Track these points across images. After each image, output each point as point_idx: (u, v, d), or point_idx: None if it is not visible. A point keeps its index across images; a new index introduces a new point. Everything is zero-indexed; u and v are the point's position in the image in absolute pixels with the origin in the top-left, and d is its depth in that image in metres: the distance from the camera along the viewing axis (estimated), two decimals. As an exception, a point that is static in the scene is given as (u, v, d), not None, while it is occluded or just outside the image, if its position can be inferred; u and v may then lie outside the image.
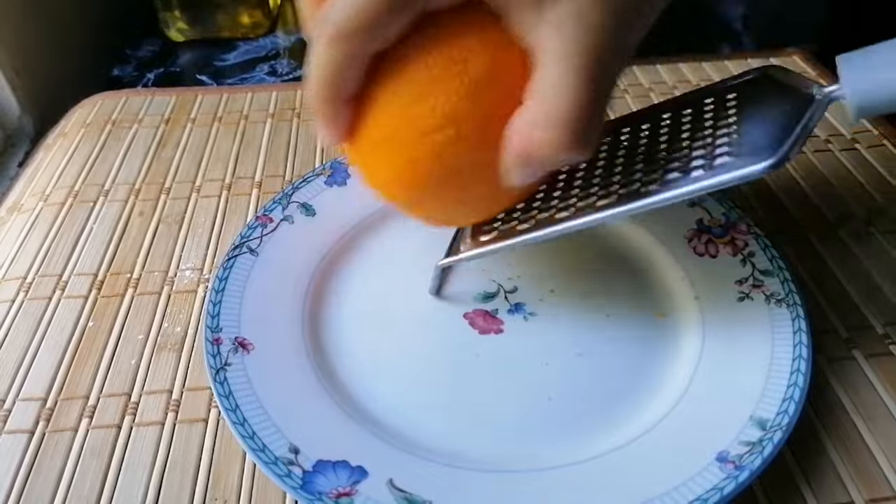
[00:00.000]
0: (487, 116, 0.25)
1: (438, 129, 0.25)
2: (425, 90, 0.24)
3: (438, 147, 0.25)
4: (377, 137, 0.26)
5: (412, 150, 0.25)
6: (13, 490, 0.28)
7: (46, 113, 0.52)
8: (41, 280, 0.36)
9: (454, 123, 0.24)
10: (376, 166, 0.28)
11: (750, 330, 0.32)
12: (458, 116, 0.24)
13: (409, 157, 0.26)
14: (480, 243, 0.30)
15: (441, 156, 0.25)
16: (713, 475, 0.26)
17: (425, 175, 0.26)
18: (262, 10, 0.61)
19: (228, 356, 0.30)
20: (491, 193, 0.28)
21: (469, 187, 0.27)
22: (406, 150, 0.26)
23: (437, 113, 0.24)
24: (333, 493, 0.26)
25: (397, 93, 0.25)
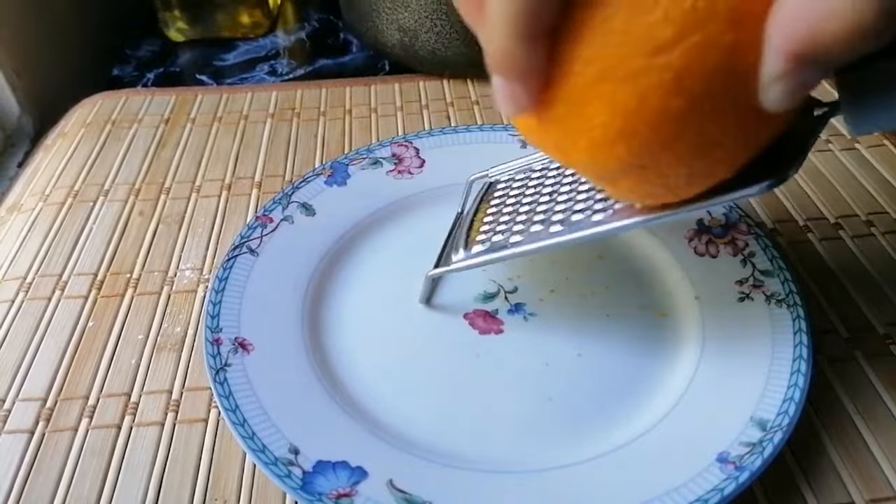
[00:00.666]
0: (733, 16, 0.18)
1: (673, 43, 0.18)
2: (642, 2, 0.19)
3: (679, 65, 0.18)
4: (586, 80, 0.20)
5: (643, 78, 0.19)
6: (13, 490, 0.28)
7: (46, 113, 0.52)
8: (41, 280, 0.36)
9: (692, 31, 0.18)
10: (587, 120, 0.21)
11: (750, 330, 0.32)
12: (696, 22, 0.18)
13: (637, 91, 0.19)
14: (472, 255, 0.30)
15: (684, 78, 0.19)
16: (713, 476, 0.26)
17: (662, 114, 0.19)
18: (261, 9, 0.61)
19: (228, 356, 0.30)
20: (746, 135, 0.21)
21: (724, 123, 0.20)
22: (633, 84, 0.19)
23: (667, 23, 0.18)
24: (333, 493, 0.26)
25: (604, 16, 0.19)
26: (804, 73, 0.18)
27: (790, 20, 0.17)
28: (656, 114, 0.19)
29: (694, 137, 0.20)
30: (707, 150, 0.21)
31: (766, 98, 0.19)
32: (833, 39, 0.17)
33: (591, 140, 0.21)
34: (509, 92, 0.21)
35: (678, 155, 0.21)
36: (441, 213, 0.36)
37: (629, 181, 0.23)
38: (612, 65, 0.19)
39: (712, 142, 0.21)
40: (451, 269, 0.32)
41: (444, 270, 0.32)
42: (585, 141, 0.21)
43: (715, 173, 0.23)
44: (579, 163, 0.23)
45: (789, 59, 0.18)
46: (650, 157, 0.21)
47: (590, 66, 0.20)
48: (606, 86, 0.19)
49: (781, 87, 0.19)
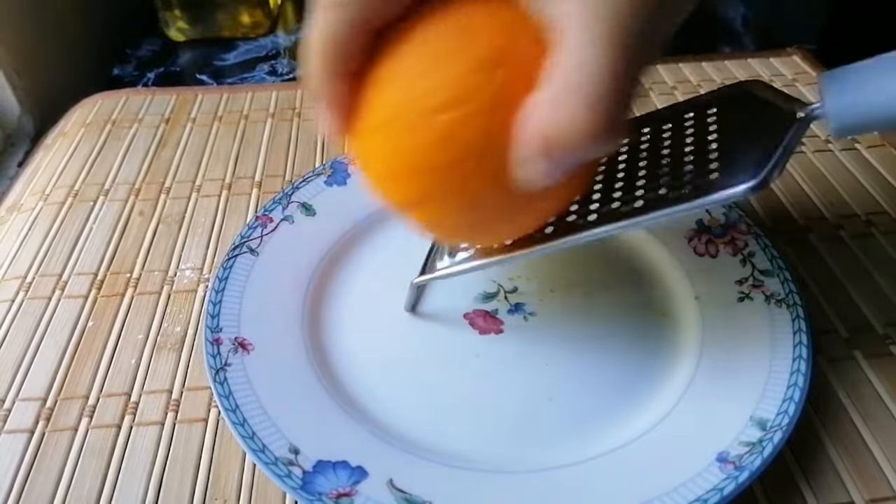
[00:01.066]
0: (500, 97, 0.22)
1: (444, 108, 0.22)
2: (429, 66, 0.22)
3: (444, 129, 0.22)
4: (376, 121, 0.23)
5: (414, 133, 0.22)
6: (13, 489, 0.28)
7: (46, 112, 0.52)
8: (41, 280, 0.36)
9: (462, 102, 0.22)
10: (374, 154, 0.25)
11: (750, 330, 0.32)
12: (466, 94, 0.22)
13: (410, 142, 0.23)
14: (456, 262, 0.30)
15: (447, 140, 0.22)
16: (713, 475, 0.26)
17: (427, 165, 0.23)
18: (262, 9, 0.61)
19: (228, 356, 0.30)
20: (507, 202, 0.24)
21: (479, 187, 0.23)
22: (407, 134, 0.23)
23: (443, 90, 0.22)
24: (333, 493, 0.26)
25: (398, 70, 0.23)
26: (548, 160, 0.21)
27: (531, 119, 0.21)
28: (422, 163, 0.23)
29: (458, 192, 0.23)
30: (474, 206, 0.24)
31: (516, 176, 0.22)
32: (563, 143, 0.20)
33: (377, 172, 0.25)
34: (320, 116, 0.24)
35: (448, 203, 0.24)
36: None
37: (419, 215, 0.26)
38: (393, 116, 0.23)
39: (477, 201, 0.24)
40: (435, 276, 0.31)
41: (428, 278, 0.32)
42: (373, 172, 0.25)
43: (493, 230, 0.27)
44: (373, 186, 0.26)
45: (531, 146, 0.21)
46: (423, 200, 0.24)
47: (378, 111, 0.23)
48: (389, 130, 0.23)
49: (525, 171, 0.22)
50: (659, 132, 0.30)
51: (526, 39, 0.22)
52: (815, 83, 0.50)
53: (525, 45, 0.22)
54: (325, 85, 0.24)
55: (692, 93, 0.49)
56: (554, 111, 0.20)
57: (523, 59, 0.22)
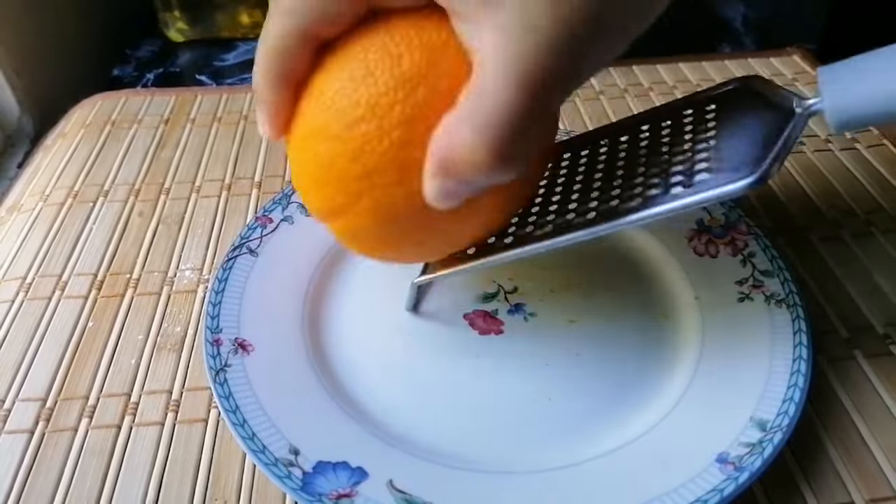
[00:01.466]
0: (416, 113, 0.23)
1: (361, 120, 0.23)
2: (356, 82, 0.23)
3: (360, 140, 0.23)
4: (304, 131, 0.25)
5: (334, 143, 0.24)
6: (13, 490, 0.28)
7: (46, 113, 0.52)
8: (41, 280, 0.36)
9: (378, 116, 0.23)
10: (300, 163, 0.26)
11: (750, 330, 0.32)
12: (384, 109, 0.23)
13: (329, 152, 0.24)
14: (456, 260, 0.30)
15: (363, 152, 0.23)
16: (713, 476, 0.26)
17: (345, 175, 0.24)
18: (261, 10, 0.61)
19: (228, 357, 0.30)
20: (423, 220, 0.25)
21: (394, 201, 0.24)
22: (328, 144, 0.24)
23: (362, 103, 0.23)
24: (333, 494, 0.26)
25: (329, 83, 0.24)
26: (448, 181, 0.22)
27: (434, 139, 0.22)
28: (340, 173, 0.24)
29: (374, 205, 0.25)
30: (390, 220, 0.25)
31: (425, 191, 0.23)
32: (455, 167, 0.22)
33: (301, 181, 0.26)
34: (260, 119, 0.26)
35: (364, 216, 0.25)
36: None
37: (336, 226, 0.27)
38: (320, 126, 0.24)
39: (393, 215, 0.25)
40: (436, 275, 0.31)
41: (429, 277, 0.32)
42: (298, 180, 0.27)
43: (410, 247, 0.28)
44: (302, 197, 0.27)
45: (434, 165, 0.22)
46: (338, 209, 0.25)
47: (308, 120, 0.25)
48: (315, 139, 0.24)
49: (432, 186, 0.23)
50: (658, 129, 0.30)
51: (451, 62, 0.23)
52: (814, 82, 0.50)
53: (449, 67, 0.23)
54: (267, 90, 0.25)
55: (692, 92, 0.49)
56: (448, 135, 0.22)
57: (445, 81, 0.23)
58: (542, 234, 0.28)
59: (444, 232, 0.27)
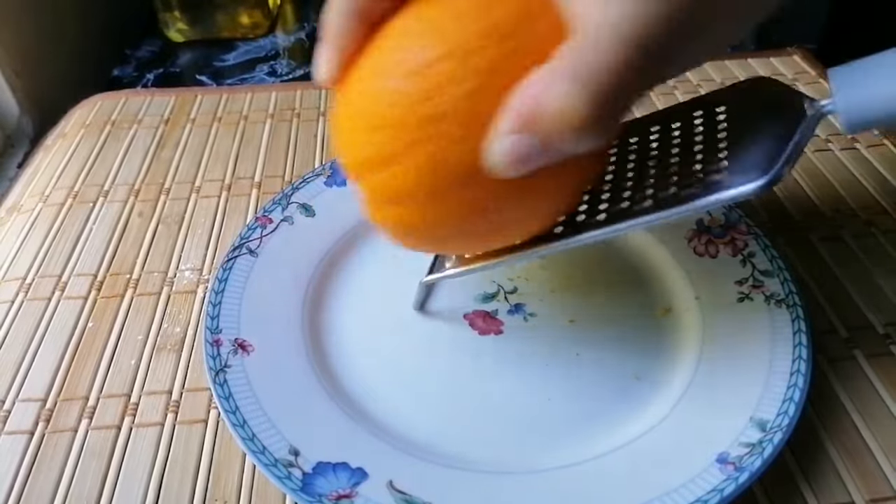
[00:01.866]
0: (500, 65, 0.21)
1: (445, 57, 0.21)
2: (445, 22, 0.22)
3: (437, 79, 0.21)
4: (372, 68, 0.23)
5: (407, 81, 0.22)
6: (13, 491, 0.28)
7: (46, 114, 0.52)
8: (41, 281, 0.36)
9: (460, 58, 0.21)
10: (356, 103, 0.24)
11: (750, 330, 0.32)
12: (467, 52, 0.21)
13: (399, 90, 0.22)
14: (465, 260, 0.30)
15: (436, 93, 0.21)
16: (713, 476, 0.26)
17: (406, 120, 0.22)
18: (261, 10, 0.61)
19: (228, 357, 0.30)
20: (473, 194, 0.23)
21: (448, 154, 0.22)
22: (400, 82, 0.22)
23: (449, 41, 0.21)
24: (333, 494, 0.26)
25: (413, 22, 0.23)
26: (525, 140, 0.20)
27: (520, 92, 0.20)
28: (403, 115, 0.22)
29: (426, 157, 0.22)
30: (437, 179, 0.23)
31: (488, 153, 0.21)
32: (550, 120, 0.20)
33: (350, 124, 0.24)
34: (321, 59, 0.24)
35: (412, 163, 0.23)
36: (441, 214, 0.36)
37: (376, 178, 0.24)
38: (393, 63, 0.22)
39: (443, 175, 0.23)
40: (444, 275, 0.31)
41: (437, 277, 0.32)
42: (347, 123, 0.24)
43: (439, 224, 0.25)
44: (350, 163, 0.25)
45: (508, 120, 0.20)
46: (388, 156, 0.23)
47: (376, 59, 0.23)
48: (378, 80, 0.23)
49: (503, 144, 0.21)
50: (668, 131, 0.30)
51: (546, 23, 0.22)
52: (815, 83, 0.50)
53: (543, 28, 0.22)
54: (339, 20, 0.23)
55: (692, 92, 0.49)
56: (544, 89, 0.20)
57: (537, 39, 0.21)
58: (550, 235, 0.28)
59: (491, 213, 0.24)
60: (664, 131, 0.30)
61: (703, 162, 0.26)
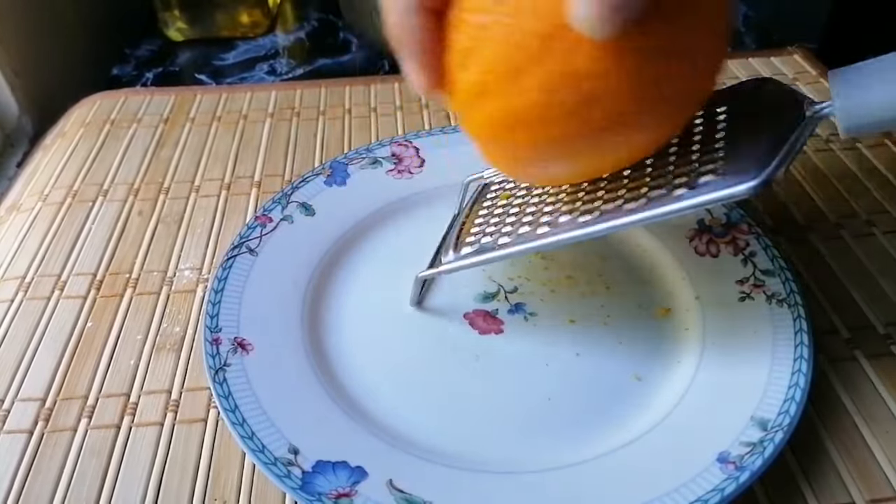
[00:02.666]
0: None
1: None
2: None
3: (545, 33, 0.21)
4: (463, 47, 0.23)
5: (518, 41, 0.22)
6: (12, 490, 0.28)
7: (45, 113, 0.52)
8: (40, 280, 0.36)
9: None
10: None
11: (751, 330, 0.31)
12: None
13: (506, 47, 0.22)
14: (461, 256, 0.30)
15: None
16: (714, 476, 0.26)
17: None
18: (261, 9, 0.61)
19: (228, 356, 0.30)
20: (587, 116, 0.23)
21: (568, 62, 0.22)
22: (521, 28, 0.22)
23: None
24: (333, 493, 0.26)
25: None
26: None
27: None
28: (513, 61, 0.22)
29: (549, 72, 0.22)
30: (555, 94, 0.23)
31: (575, 11, 0.19)
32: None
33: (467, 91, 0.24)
34: (409, 70, 0.23)
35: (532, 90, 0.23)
36: (441, 213, 0.36)
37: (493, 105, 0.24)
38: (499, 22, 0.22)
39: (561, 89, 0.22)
40: (440, 270, 0.32)
41: (433, 272, 0.32)
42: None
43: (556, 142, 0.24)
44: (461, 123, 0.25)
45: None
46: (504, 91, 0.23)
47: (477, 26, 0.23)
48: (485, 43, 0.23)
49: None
50: None
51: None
52: (815, 82, 0.50)
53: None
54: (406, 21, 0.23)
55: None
56: None
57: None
58: (543, 233, 0.28)
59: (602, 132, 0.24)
60: None
61: (699, 162, 0.26)
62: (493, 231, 0.31)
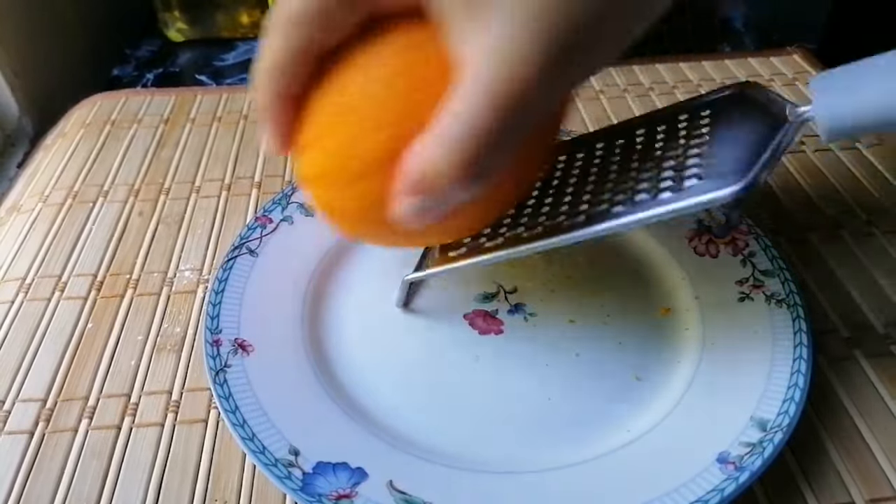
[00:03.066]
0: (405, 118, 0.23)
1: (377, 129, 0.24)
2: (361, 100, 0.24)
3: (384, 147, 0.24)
4: (309, 136, 0.25)
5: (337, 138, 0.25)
6: (13, 491, 0.28)
7: (46, 113, 0.52)
8: (40, 281, 0.36)
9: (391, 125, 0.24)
10: (309, 164, 0.26)
11: (750, 330, 0.32)
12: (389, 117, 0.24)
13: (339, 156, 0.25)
14: (448, 259, 0.30)
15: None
16: (713, 476, 0.26)
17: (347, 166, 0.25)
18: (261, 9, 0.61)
19: (228, 357, 0.30)
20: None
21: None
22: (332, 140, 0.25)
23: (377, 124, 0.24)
24: (333, 494, 0.26)
25: (330, 94, 0.25)
26: (417, 198, 0.22)
27: (411, 159, 0.22)
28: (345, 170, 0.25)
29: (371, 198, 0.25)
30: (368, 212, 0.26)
31: (392, 210, 0.23)
32: (429, 174, 0.22)
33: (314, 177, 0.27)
34: (264, 133, 0.26)
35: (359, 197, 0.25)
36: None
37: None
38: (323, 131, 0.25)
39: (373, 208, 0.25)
40: (427, 273, 0.31)
41: (420, 275, 0.32)
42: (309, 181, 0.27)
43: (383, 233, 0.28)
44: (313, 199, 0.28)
45: (404, 181, 0.22)
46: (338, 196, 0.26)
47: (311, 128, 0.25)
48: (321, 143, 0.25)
49: (401, 203, 0.23)
50: (654, 134, 0.30)
51: (439, 78, 0.23)
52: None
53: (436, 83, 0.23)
54: (273, 104, 0.25)
55: (692, 92, 0.49)
56: (421, 153, 0.22)
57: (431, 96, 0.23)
58: (532, 235, 0.28)
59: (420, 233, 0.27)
60: (649, 134, 0.30)
61: (682, 166, 0.26)
62: (488, 232, 0.31)
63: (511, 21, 0.20)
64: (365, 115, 0.24)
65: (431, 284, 0.35)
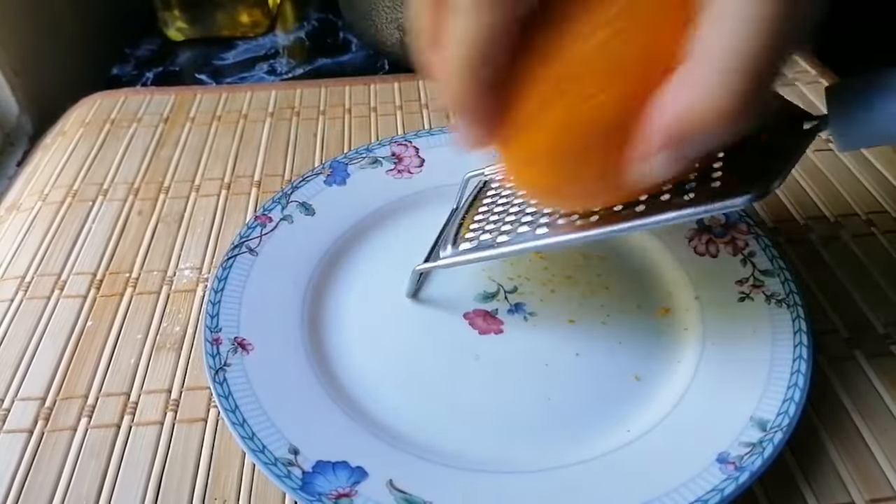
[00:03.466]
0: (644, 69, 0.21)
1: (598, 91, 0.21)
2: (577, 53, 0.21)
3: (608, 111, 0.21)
4: (523, 117, 0.23)
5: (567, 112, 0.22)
6: (12, 489, 0.28)
7: (45, 112, 0.52)
8: (40, 279, 0.36)
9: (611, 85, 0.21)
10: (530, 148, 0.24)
11: (750, 330, 0.32)
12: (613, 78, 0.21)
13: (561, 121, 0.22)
14: (459, 252, 0.31)
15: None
16: (713, 476, 0.26)
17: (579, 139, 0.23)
18: (261, 9, 0.61)
19: (228, 356, 0.30)
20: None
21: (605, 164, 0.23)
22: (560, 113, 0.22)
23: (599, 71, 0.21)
24: (333, 493, 0.26)
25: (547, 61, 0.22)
26: (680, 150, 0.20)
27: (665, 101, 0.20)
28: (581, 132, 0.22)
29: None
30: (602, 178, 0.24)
31: (640, 167, 0.21)
32: (701, 120, 0.19)
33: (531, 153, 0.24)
34: (464, 129, 0.23)
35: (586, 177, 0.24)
36: (441, 213, 0.36)
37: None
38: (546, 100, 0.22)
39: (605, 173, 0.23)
40: (438, 264, 0.32)
41: (431, 266, 0.32)
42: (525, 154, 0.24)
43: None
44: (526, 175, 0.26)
45: (662, 135, 0.20)
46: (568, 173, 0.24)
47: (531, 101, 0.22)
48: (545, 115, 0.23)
49: (655, 164, 0.21)
50: None
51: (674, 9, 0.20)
52: (815, 82, 0.50)
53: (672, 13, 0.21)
54: (472, 95, 0.22)
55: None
56: (693, 92, 0.19)
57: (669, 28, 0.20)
58: (542, 233, 0.28)
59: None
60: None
61: (697, 172, 0.26)
62: (493, 229, 0.31)
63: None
64: (589, 81, 0.21)
65: (432, 284, 0.35)
